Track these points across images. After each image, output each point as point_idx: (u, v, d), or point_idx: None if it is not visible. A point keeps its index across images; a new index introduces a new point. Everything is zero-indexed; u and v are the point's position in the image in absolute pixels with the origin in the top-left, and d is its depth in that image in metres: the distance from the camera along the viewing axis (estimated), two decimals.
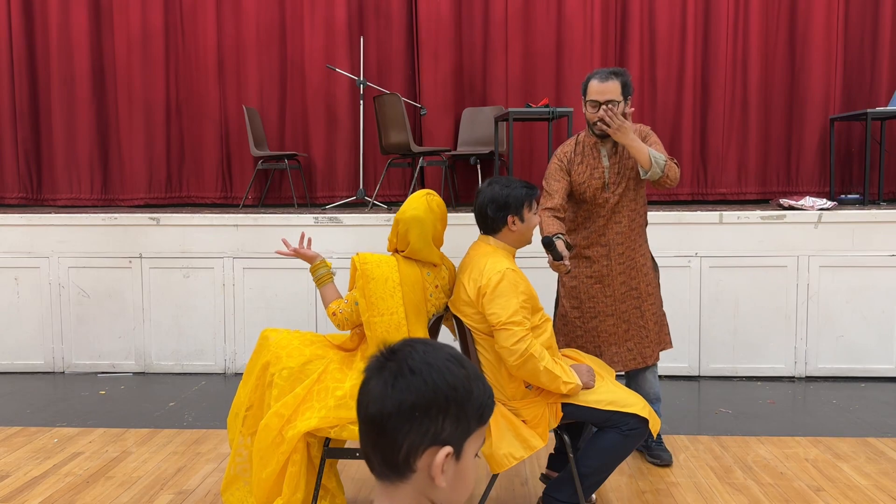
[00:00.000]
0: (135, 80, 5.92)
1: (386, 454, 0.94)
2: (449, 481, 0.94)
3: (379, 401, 0.93)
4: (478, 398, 0.96)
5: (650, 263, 3.17)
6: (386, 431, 0.93)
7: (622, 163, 2.98)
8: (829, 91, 5.70)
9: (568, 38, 5.75)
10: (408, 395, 0.93)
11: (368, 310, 2.41)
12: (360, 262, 2.45)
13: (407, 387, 0.93)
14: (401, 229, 2.51)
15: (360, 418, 0.96)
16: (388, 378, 0.95)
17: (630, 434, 2.42)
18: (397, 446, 0.93)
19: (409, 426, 0.92)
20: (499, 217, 2.52)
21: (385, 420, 0.93)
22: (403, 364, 0.95)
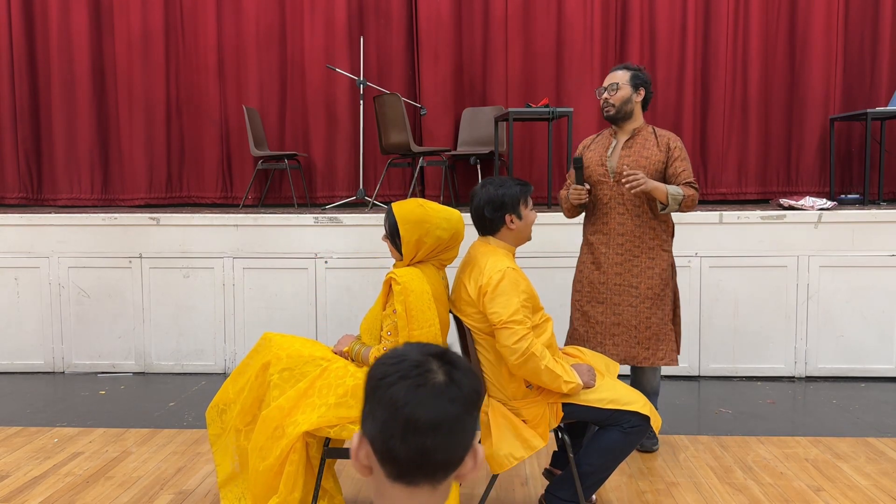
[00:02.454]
0: (135, 80, 5.92)
1: (441, 459, 0.94)
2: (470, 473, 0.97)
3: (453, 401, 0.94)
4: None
5: (662, 269, 3.11)
6: (446, 435, 0.94)
7: (632, 160, 3.09)
8: (829, 91, 5.70)
9: (568, 38, 5.75)
10: (470, 397, 0.96)
11: (410, 324, 2.36)
12: (400, 278, 2.41)
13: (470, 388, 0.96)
14: (457, 238, 2.50)
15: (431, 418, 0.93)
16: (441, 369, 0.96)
17: (631, 432, 2.42)
18: (458, 447, 0.95)
19: (466, 427, 0.96)
20: (497, 217, 2.53)
21: (452, 424, 0.94)
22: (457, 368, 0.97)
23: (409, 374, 0.95)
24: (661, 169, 3.09)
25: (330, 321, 4.58)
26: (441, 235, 2.47)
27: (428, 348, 1.00)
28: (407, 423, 0.93)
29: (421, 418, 0.93)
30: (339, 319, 4.57)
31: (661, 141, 3.11)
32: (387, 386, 0.95)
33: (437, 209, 2.50)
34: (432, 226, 2.46)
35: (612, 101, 3.08)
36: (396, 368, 0.96)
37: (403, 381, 0.95)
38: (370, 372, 1.00)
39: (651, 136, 3.14)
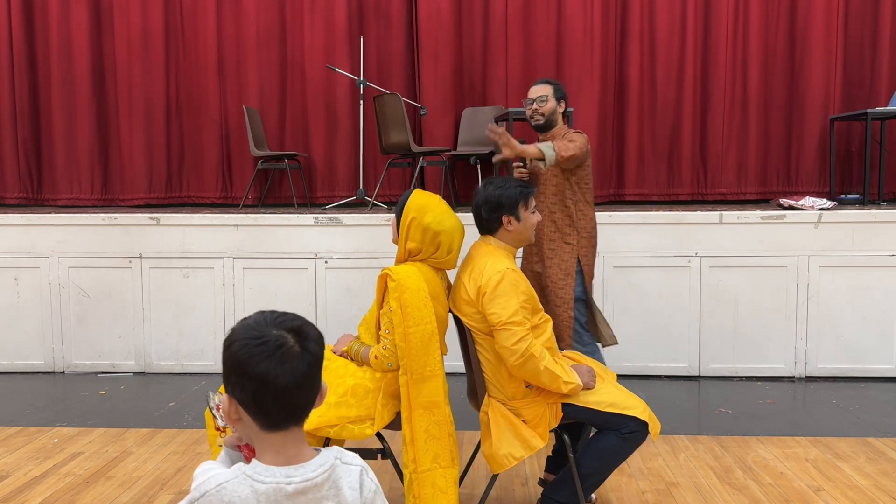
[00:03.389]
0: (135, 80, 5.92)
1: (300, 409, 1.21)
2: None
3: (301, 364, 1.18)
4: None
5: (562, 260, 3.21)
6: (303, 391, 1.19)
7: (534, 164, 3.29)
8: (828, 91, 5.70)
9: (568, 38, 5.75)
10: (315, 357, 1.21)
11: (405, 321, 2.35)
12: (395, 274, 2.41)
13: (313, 351, 1.22)
14: (445, 240, 2.46)
15: (274, 393, 1.16)
16: (300, 355, 1.19)
17: (629, 437, 2.42)
18: (311, 397, 1.22)
19: (316, 380, 1.22)
20: (493, 218, 2.52)
21: (303, 382, 1.18)
22: (306, 337, 1.22)
23: (274, 354, 1.16)
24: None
25: (330, 321, 4.58)
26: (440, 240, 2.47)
27: (283, 323, 1.22)
28: (276, 390, 1.16)
29: (288, 384, 1.16)
30: (339, 319, 4.57)
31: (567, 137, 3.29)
32: (255, 364, 1.16)
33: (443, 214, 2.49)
34: (434, 222, 2.46)
35: (541, 111, 3.30)
36: (261, 349, 1.17)
37: (269, 360, 1.16)
38: (234, 352, 1.18)
39: (562, 137, 3.30)
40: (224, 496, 1.15)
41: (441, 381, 2.40)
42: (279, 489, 1.15)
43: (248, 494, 1.15)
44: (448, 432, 2.39)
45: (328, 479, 1.20)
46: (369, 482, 1.25)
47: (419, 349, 2.36)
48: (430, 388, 2.37)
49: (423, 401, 2.36)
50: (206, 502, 1.16)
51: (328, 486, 1.19)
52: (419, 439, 2.36)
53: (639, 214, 4.51)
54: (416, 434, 2.36)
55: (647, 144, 5.84)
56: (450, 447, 2.39)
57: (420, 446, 2.36)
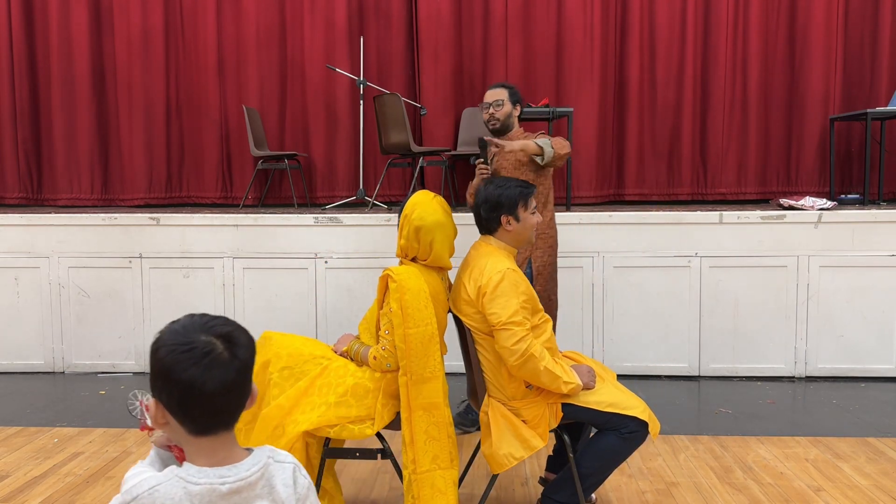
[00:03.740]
0: (135, 80, 5.92)
1: (229, 416, 1.20)
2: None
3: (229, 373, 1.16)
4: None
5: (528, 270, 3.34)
6: (231, 398, 1.18)
7: (498, 164, 3.40)
8: (828, 91, 5.70)
9: (568, 38, 5.75)
10: (244, 364, 1.19)
11: (405, 322, 2.36)
12: (396, 275, 2.42)
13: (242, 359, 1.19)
14: (424, 237, 2.47)
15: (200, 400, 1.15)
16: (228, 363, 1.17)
17: (629, 437, 2.42)
18: (240, 405, 1.20)
19: (245, 388, 1.20)
20: (492, 217, 2.53)
21: (231, 390, 1.17)
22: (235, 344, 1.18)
23: (200, 361, 1.14)
24: (522, 165, 3.38)
25: (330, 321, 4.58)
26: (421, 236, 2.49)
27: (212, 328, 1.18)
28: (203, 396, 1.14)
29: (215, 390, 1.14)
30: (339, 319, 4.57)
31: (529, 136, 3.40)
32: (181, 371, 1.14)
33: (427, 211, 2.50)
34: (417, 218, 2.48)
35: (497, 115, 3.38)
36: (188, 356, 1.14)
37: (196, 367, 1.14)
38: (160, 358, 1.17)
39: (523, 138, 3.41)
40: (156, 499, 1.14)
41: (441, 383, 2.40)
42: (213, 490, 1.15)
43: (181, 496, 1.14)
44: (447, 433, 2.39)
45: (262, 478, 1.20)
46: (302, 479, 1.27)
47: (419, 350, 2.36)
48: (430, 390, 2.37)
49: (423, 402, 2.37)
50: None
51: (262, 484, 1.20)
52: (418, 440, 2.36)
53: (639, 214, 4.51)
54: (416, 435, 2.36)
55: (647, 144, 5.84)
56: (449, 448, 2.39)
57: (419, 447, 2.36)
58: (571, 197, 5.32)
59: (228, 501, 1.16)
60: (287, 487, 1.23)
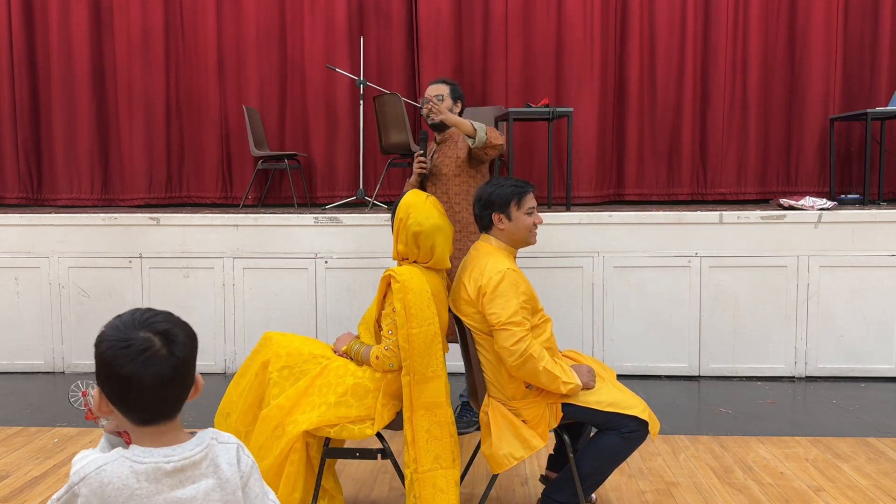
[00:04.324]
0: (135, 80, 5.92)
1: (170, 407, 1.25)
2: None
3: (164, 370, 1.21)
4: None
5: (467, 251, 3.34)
6: (170, 392, 1.23)
7: (438, 160, 3.45)
8: (828, 91, 5.70)
9: (568, 38, 5.75)
10: (181, 362, 1.23)
11: (409, 322, 2.36)
12: (399, 276, 2.42)
13: (180, 356, 1.23)
14: (423, 242, 2.48)
15: (139, 392, 1.20)
16: (166, 359, 1.21)
17: (629, 436, 2.42)
18: (179, 398, 1.26)
19: (185, 383, 1.26)
20: (484, 215, 2.54)
21: (167, 385, 1.22)
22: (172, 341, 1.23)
23: (137, 358, 1.19)
24: (463, 163, 3.44)
25: (330, 321, 4.58)
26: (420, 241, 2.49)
27: (151, 325, 1.23)
28: (141, 391, 1.19)
29: (153, 385, 1.19)
30: (339, 319, 4.57)
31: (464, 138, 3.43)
32: (119, 366, 1.19)
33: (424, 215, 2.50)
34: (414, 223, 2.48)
35: (430, 109, 3.38)
36: (125, 353, 1.19)
37: (133, 363, 1.19)
38: (101, 352, 1.22)
39: (460, 137, 3.46)
40: (103, 477, 1.18)
41: (443, 382, 2.40)
42: (158, 468, 1.20)
43: (127, 475, 1.19)
44: (449, 433, 2.39)
45: (206, 458, 1.25)
46: (245, 458, 1.31)
47: (422, 350, 2.36)
48: (432, 389, 2.37)
49: (425, 401, 2.37)
50: (86, 485, 1.19)
51: (206, 463, 1.25)
52: (420, 440, 2.36)
53: (639, 214, 4.51)
54: (418, 434, 2.36)
55: (646, 144, 5.84)
56: (451, 448, 2.39)
57: (421, 447, 2.36)
58: (571, 197, 5.31)
59: (174, 479, 1.21)
60: (231, 466, 1.28)
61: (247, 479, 1.30)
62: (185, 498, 1.22)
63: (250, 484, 1.31)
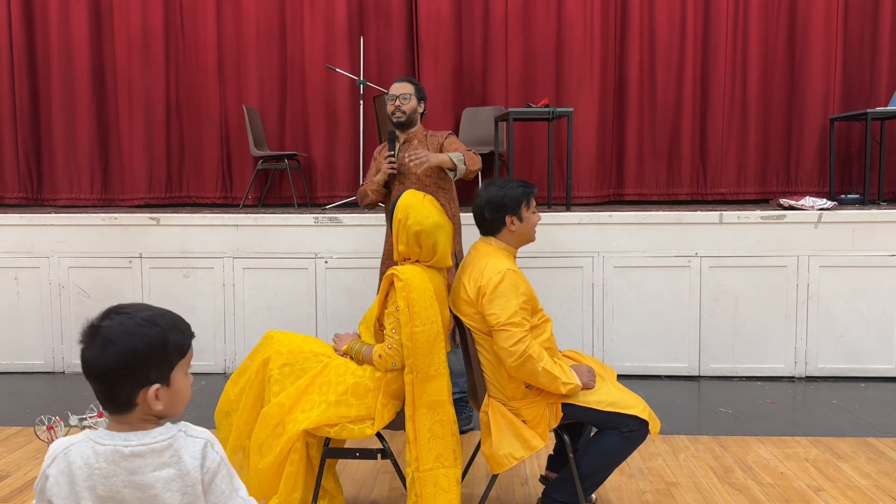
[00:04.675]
0: (135, 80, 5.92)
1: (115, 400, 1.28)
2: (166, 402, 1.31)
3: (97, 365, 1.25)
4: (174, 344, 1.31)
5: None
6: (108, 386, 1.27)
7: (408, 160, 3.41)
8: (828, 91, 5.70)
9: (568, 38, 5.75)
10: (109, 362, 1.25)
11: (412, 320, 2.36)
12: (402, 274, 2.42)
13: (110, 356, 1.25)
14: (425, 241, 2.47)
15: (88, 378, 1.28)
16: (102, 347, 1.25)
17: (629, 436, 2.42)
18: (120, 394, 1.27)
19: (122, 381, 1.26)
20: (497, 218, 2.52)
21: (104, 379, 1.26)
22: (105, 337, 1.25)
23: (89, 345, 1.27)
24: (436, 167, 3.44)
25: (330, 321, 4.58)
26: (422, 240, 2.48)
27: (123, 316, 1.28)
28: (90, 377, 1.27)
29: (99, 373, 1.26)
30: (339, 319, 4.57)
31: (430, 141, 3.50)
32: (81, 349, 1.28)
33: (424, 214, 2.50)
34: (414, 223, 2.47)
35: (403, 108, 3.45)
36: (85, 335, 1.28)
37: (86, 350, 1.27)
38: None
39: (424, 137, 3.50)
40: (70, 457, 1.26)
41: (445, 381, 2.40)
42: (116, 451, 1.26)
43: (89, 455, 1.26)
44: (451, 432, 2.39)
45: (169, 448, 1.28)
46: (213, 454, 1.32)
47: (425, 348, 2.36)
48: (435, 388, 2.38)
49: (428, 400, 2.37)
50: (55, 466, 1.27)
51: (169, 454, 1.28)
52: (422, 438, 2.36)
53: (639, 214, 4.51)
54: (420, 433, 2.36)
55: (646, 144, 5.84)
56: (453, 447, 2.39)
57: (423, 445, 2.36)
58: (571, 197, 5.32)
59: (132, 464, 1.26)
60: (194, 460, 1.30)
61: (213, 476, 1.31)
62: (143, 483, 1.26)
63: (216, 480, 1.32)
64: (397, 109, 3.45)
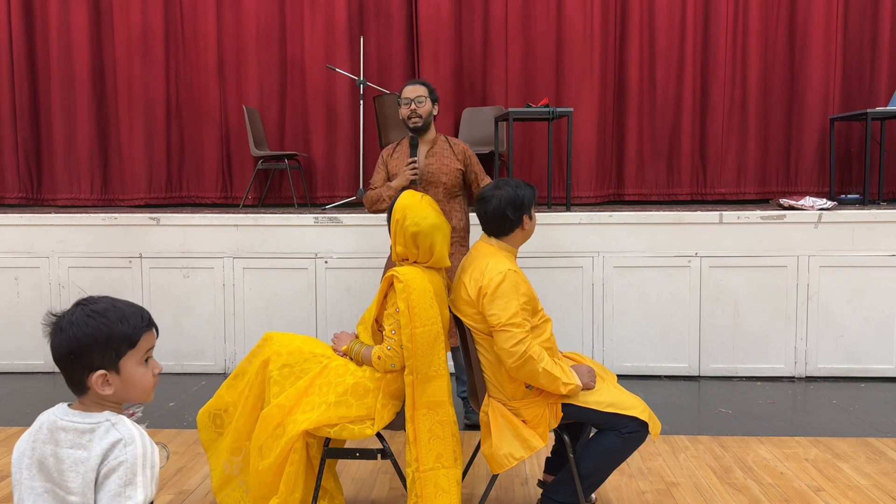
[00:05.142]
0: (135, 80, 5.92)
1: (70, 383, 1.43)
2: (118, 388, 1.42)
3: (53, 351, 1.40)
4: (120, 334, 1.41)
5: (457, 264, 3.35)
6: (62, 370, 1.42)
7: (434, 167, 3.41)
8: (828, 91, 5.70)
9: (568, 38, 5.75)
10: (60, 347, 1.39)
11: (412, 321, 2.36)
12: (402, 275, 2.42)
13: (60, 342, 1.39)
14: (422, 242, 2.46)
15: (56, 357, 1.41)
16: (55, 334, 1.40)
17: (629, 437, 2.42)
18: (72, 378, 1.42)
19: (70, 366, 1.40)
20: (517, 217, 2.52)
21: (59, 363, 1.41)
22: (58, 325, 1.40)
23: (51, 331, 1.41)
24: (461, 175, 3.48)
25: (330, 321, 4.58)
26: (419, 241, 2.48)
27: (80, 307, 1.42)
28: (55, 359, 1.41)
29: (55, 357, 1.40)
30: (339, 319, 4.57)
31: (456, 150, 3.49)
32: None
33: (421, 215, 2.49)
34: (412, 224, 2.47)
35: (419, 112, 3.36)
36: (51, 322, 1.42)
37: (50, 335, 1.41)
38: None
39: (447, 145, 3.47)
40: (35, 422, 1.44)
41: (445, 381, 2.40)
42: (54, 422, 1.40)
43: (43, 420, 1.42)
44: (451, 432, 2.39)
45: (90, 432, 1.37)
46: (121, 453, 1.35)
47: (425, 349, 2.36)
48: (435, 388, 2.38)
49: (427, 400, 2.37)
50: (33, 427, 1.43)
51: (87, 437, 1.37)
52: (422, 439, 2.36)
53: (639, 214, 4.51)
54: (420, 433, 2.36)
55: (646, 144, 5.84)
56: (453, 447, 2.39)
57: (423, 446, 2.36)
58: (571, 197, 5.32)
59: (57, 436, 1.38)
60: (101, 451, 1.35)
61: (109, 473, 1.33)
62: (60, 457, 1.36)
63: (111, 478, 1.33)
64: (413, 114, 3.35)
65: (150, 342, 1.49)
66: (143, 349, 1.46)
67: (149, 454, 1.38)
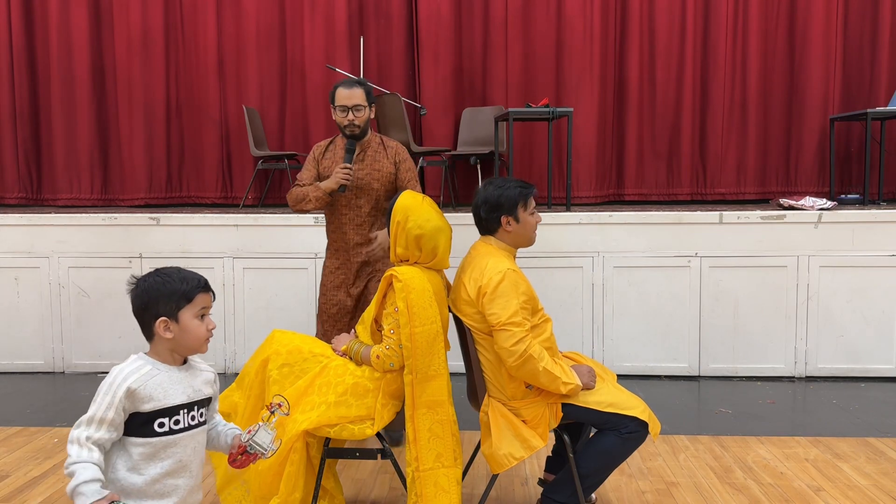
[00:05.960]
0: (135, 80, 5.92)
1: (143, 331, 1.75)
2: (176, 334, 1.73)
3: (132, 302, 1.75)
4: (179, 290, 1.73)
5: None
6: (138, 320, 1.75)
7: (365, 172, 3.26)
8: (828, 91, 5.71)
9: (568, 38, 5.75)
10: (135, 300, 1.74)
11: (411, 321, 2.36)
12: (401, 275, 2.42)
13: (136, 296, 1.74)
14: (426, 244, 2.46)
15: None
16: (133, 291, 1.75)
17: (629, 437, 2.42)
18: (143, 327, 1.75)
19: (141, 315, 1.74)
20: (492, 218, 2.52)
21: (135, 315, 1.75)
22: (136, 283, 1.76)
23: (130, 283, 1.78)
24: (393, 179, 3.30)
25: None
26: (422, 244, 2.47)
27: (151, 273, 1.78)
28: None
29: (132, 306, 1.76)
30: None
31: (389, 153, 3.31)
32: None
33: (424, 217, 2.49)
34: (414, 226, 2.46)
35: (357, 122, 3.17)
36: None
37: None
38: None
39: (381, 147, 3.32)
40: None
41: (445, 381, 2.40)
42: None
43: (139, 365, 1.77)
44: (451, 432, 2.39)
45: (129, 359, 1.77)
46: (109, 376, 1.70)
47: (425, 349, 2.36)
48: (434, 388, 2.38)
49: (427, 400, 2.37)
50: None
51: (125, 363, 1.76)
52: (422, 438, 2.36)
53: (639, 214, 4.51)
54: (419, 433, 2.36)
55: (646, 144, 5.85)
56: (453, 447, 2.39)
57: (423, 445, 2.36)
58: (571, 197, 5.32)
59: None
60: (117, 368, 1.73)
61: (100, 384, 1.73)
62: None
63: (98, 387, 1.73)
64: (351, 124, 3.15)
65: (205, 301, 1.77)
66: (198, 305, 1.75)
67: (116, 382, 1.65)
